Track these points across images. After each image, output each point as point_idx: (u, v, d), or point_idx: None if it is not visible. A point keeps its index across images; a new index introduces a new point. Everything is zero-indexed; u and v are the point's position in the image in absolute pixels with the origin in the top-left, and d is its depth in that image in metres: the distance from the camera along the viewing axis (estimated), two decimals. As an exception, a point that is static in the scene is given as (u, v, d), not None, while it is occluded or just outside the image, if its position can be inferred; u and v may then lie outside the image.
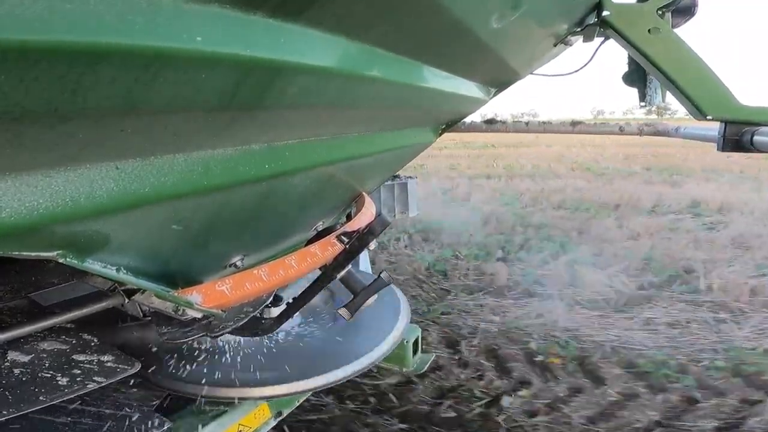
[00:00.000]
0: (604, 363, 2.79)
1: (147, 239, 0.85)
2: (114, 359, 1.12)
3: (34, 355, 1.12)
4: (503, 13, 1.11)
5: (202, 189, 0.82)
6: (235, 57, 0.61)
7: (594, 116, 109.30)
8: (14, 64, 0.40)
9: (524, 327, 3.26)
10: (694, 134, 2.04)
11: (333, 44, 0.79)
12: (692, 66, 1.51)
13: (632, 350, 2.94)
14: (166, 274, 1.03)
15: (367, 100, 1.06)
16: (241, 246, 1.27)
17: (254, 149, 0.91)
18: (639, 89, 2.17)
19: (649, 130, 2.35)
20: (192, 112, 0.66)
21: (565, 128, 2.61)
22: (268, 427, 1.42)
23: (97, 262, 0.79)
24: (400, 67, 1.05)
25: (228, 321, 1.21)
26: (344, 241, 1.31)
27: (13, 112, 0.45)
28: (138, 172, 0.70)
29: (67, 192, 0.62)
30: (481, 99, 1.75)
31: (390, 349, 1.61)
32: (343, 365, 1.46)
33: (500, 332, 3.20)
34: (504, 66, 1.55)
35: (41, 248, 0.67)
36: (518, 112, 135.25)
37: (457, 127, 2.21)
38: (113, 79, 0.49)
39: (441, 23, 0.96)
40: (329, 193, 1.45)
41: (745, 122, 1.49)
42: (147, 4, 0.48)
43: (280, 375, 1.40)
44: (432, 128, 1.88)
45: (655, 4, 1.53)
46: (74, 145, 0.57)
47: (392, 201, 2.82)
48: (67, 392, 0.99)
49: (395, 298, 1.88)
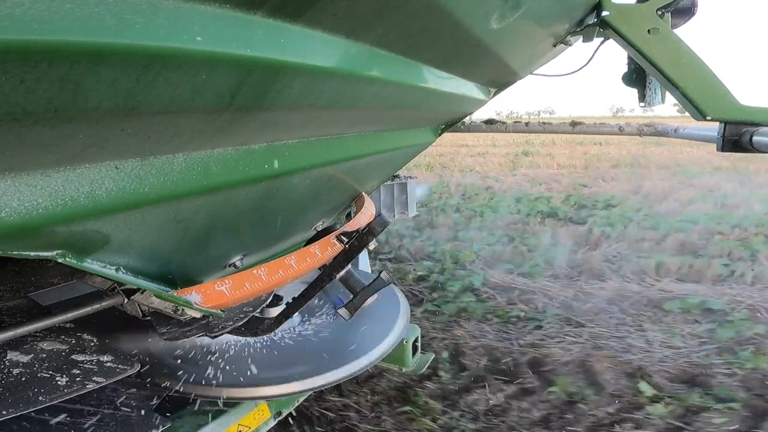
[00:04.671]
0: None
1: (146, 239, 0.85)
2: (113, 359, 1.12)
3: (34, 355, 1.12)
4: (503, 14, 1.11)
5: (202, 189, 0.82)
6: (235, 57, 0.61)
7: (613, 114, 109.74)
8: (15, 65, 0.40)
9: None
10: (694, 134, 2.04)
11: (333, 44, 0.79)
12: (691, 66, 1.51)
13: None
14: (165, 274, 1.03)
15: (367, 101, 1.06)
16: (241, 246, 1.27)
17: (254, 149, 0.91)
18: (639, 89, 2.17)
19: (649, 130, 2.35)
20: (192, 113, 0.66)
21: (564, 128, 2.61)
22: (268, 427, 1.42)
23: (96, 262, 0.79)
24: (400, 67, 1.05)
25: (227, 321, 1.21)
26: (344, 241, 1.31)
27: (14, 113, 0.45)
28: (138, 172, 0.70)
29: (67, 192, 0.62)
30: (481, 99, 1.76)
31: (390, 348, 1.61)
32: (343, 365, 1.46)
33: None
34: (504, 66, 1.55)
35: (41, 248, 0.67)
36: (535, 110, 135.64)
37: (456, 127, 2.21)
38: (114, 79, 0.49)
39: (441, 24, 0.96)
40: (329, 193, 1.45)
41: (745, 122, 1.49)
42: (147, 5, 0.48)
43: (280, 375, 1.40)
44: (431, 128, 1.88)
45: (655, 5, 1.53)
46: (74, 146, 0.57)
47: (392, 201, 2.82)
48: (66, 392, 0.99)
49: (395, 297, 1.88)
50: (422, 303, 3.60)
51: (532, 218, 6.09)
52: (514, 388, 2.53)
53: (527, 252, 4.74)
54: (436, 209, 6.64)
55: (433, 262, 4.49)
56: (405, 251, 4.79)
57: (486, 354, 2.87)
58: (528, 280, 4.02)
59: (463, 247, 4.88)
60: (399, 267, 4.39)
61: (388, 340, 1.62)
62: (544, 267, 4.32)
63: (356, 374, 1.47)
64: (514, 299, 3.64)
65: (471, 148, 16.21)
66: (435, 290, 3.85)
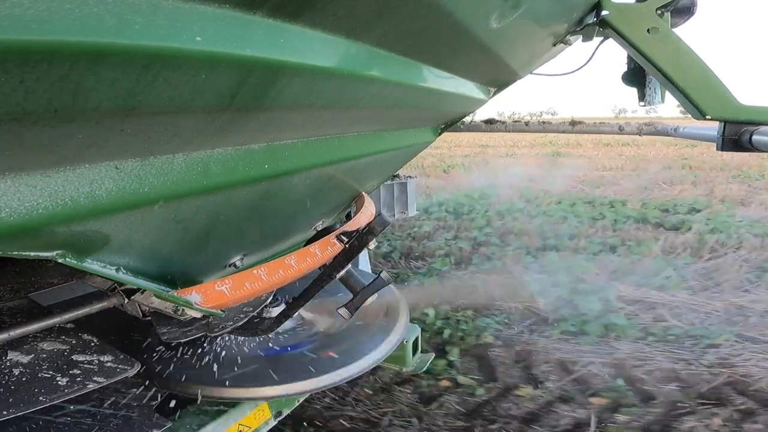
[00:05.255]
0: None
1: (146, 239, 0.85)
2: (114, 359, 1.12)
3: (34, 355, 1.12)
4: (503, 13, 1.11)
5: (202, 189, 0.82)
6: (235, 57, 0.61)
7: (616, 115, 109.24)
8: (15, 65, 0.40)
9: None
10: (694, 134, 2.05)
11: (333, 44, 0.79)
12: (691, 65, 1.51)
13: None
14: (165, 274, 1.03)
15: (367, 101, 1.06)
16: (241, 246, 1.27)
17: (254, 149, 0.91)
18: (638, 89, 2.17)
19: (649, 129, 2.35)
20: (192, 113, 0.66)
21: (564, 128, 2.61)
22: (268, 427, 1.42)
23: (96, 262, 0.79)
24: (400, 67, 1.05)
25: (227, 321, 1.21)
26: (344, 241, 1.31)
27: (14, 113, 0.45)
28: (138, 172, 0.70)
29: (67, 192, 0.62)
30: (481, 99, 1.76)
31: (391, 349, 1.61)
32: (343, 365, 1.46)
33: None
34: (503, 66, 1.55)
35: (41, 248, 0.67)
36: (537, 111, 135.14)
37: (456, 127, 2.21)
38: (113, 79, 0.49)
39: (440, 23, 0.96)
40: (329, 193, 1.45)
41: (745, 122, 1.50)
42: (146, 5, 0.48)
43: (280, 375, 1.40)
44: (431, 128, 1.88)
45: (654, 4, 1.54)
46: (74, 146, 0.57)
47: (392, 201, 2.82)
48: (67, 392, 0.99)
49: (395, 297, 1.88)
50: (554, 323, 3.22)
51: (620, 224, 5.65)
52: (730, 412, 2.31)
53: (642, 261, 4.36)
54: (521, 212, 6.21)
55: (545, 275, 4.02)
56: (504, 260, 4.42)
57: (669, 378, 2.60)
58: (663, 293, 3.66)
59: (572, 257, 4.47)
60: (505, 281, 3.87)
61: (388, 339, 1.62)
62: (677, 279, 3.93)
63: (357, 374, 1.47)
64: (662, 315, 3.31)
65: (496, 149, 15.81)
66: (562, 308, 3.39)
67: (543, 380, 2.63)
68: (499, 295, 3.60)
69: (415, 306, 3.20)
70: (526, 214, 6.22)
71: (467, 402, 2.45)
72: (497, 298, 3.57)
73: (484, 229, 5.44)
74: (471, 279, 3.97)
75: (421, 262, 4.55)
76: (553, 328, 3.17)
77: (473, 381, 2.61)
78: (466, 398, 2.48)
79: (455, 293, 3.63)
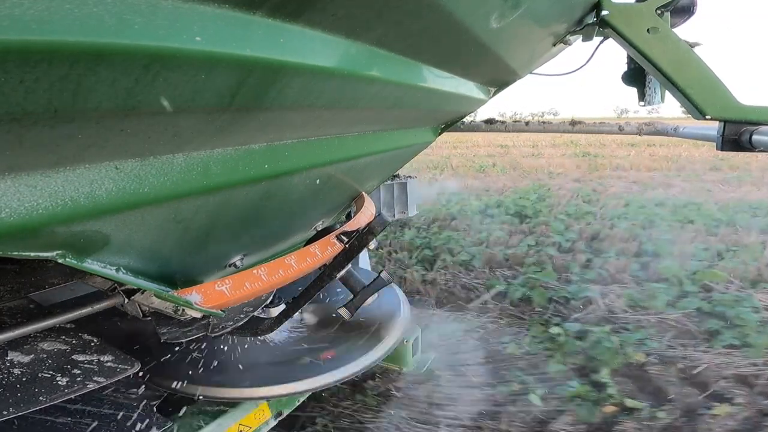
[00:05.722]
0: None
1: (146, 239, 0.85)
2: (114, 359, 1.12)
3: (34, 355, 1.12)
4: (502, 13, 1.11)
5: (202, 189, 0.82)
6: (235, 57, 0.61)
7: (617, 115, 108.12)
8: (15, 65, 0.40)
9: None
10: (693, 134, 2.04)
11: (333, 44, 0.79)
12: (691, 65, 1.51)
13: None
14: (165, 274, 1.03)
15: (367, 101, 1.06)
16: (241, 246, 1.27)
17: (254, 149, 0.91)
18: (638, 89, 2.17)
19: (649, 129, 2.35)
20: (192, 113, 0.66)
21: (564, 128, 2.61)
22: (268, 427, 1.42)
23: (96, 262, 0.79)
24: (400, 67, 1.05)
25: (227, 321, 1.21)
26: (344, 241, 1.31)
27: (14, 113, 0.45)
28: (138, 172, 0.70)
29: (67, 192, 0.62)
30: (481, 98, 1.76)
31: (391, 348, 1.61)
32: (344, 365, 1.46)
33: None
34: (503, 65, 1.55)
35: (41, 248, 0.67)
36: (539, 111, 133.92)
37: (456, 127, 2.21)
38: (113, 79, 0.49)
39: (440, 23, 0.96)
40: (329, 193, 1.45)
41: (744, 121, 1.50)
42: (146, 5, 0.48)
43: (280, 375, 1.40)
44: (431, 128, 1.88)
45: (654, 4, 1.54)
46: (74, 146, 0.57)
47: (392, 201, 2.82)
48: (67, 392, 0.99)
49: (396, 297, 1.88)
50: (705, 337, 2.82)
51: (713, 227, 5.04)
52: None
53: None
54: (592, 215, 5.62)
55: (667, 284, 3.58)
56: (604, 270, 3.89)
57: None
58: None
59: (685, 263, 3.96)
60: (622, 291, 3.45)
61: (389, 339, 1.62)
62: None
63: (357, 374, 1.47)
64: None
65: (519, 149, 15.10)
66: (706, 319, 3.01)
67: (730, 397, 2.28)
68: (619, 306, 3.24)
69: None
70: (598, 217, 5.67)
71: (651, 428, 2.10)
72: (620, 310, 3.20)
73: (565, 234, 4.90)
74: (583, 290, 3.47)
75: (510, 271, 4.00)
76: (708, 342, 2.81)
77: (642, 403, 2.25)
78: (647, 423, 2.12)
79: (575, 305, 3.27)
